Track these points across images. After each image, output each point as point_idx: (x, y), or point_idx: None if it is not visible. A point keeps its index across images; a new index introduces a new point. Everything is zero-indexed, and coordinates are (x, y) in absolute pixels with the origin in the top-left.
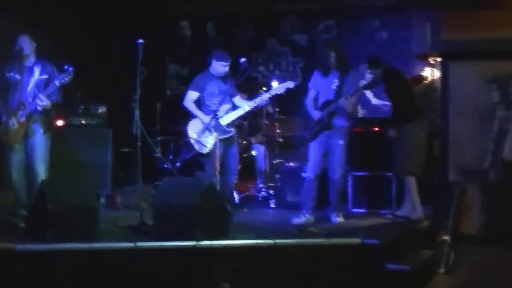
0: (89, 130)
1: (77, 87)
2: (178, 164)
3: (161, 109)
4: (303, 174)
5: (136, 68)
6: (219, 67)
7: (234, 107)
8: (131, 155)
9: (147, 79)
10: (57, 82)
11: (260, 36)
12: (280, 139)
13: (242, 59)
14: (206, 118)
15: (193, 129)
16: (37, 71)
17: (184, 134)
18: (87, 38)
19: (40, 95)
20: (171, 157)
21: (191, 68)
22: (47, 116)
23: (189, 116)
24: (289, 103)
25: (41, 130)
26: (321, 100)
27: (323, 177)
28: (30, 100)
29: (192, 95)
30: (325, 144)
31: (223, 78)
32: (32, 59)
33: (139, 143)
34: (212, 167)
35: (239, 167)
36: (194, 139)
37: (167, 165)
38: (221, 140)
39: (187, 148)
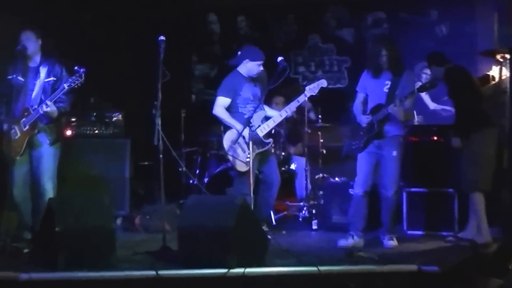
0: (103, 141)
1: (90, 91)
2: (206, 180)
3: (187, 116)
4: (351, 191)
5: (158, 69)
6: (253, 67)
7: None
8: (152, 170)
9: (170, 82)
10: (66, 86)
11: (300, 31)
12: (324, 150)
13: (280, 58)
14: (242, 128)
15: (227, 141)
16: (43, 72)
17: (213, 145)
18: (101, 34)
19: (47, 101)
20: (198, 171)
21: (221, 69)
22: (55, 125)
23: (218, 125)
24: (333, 109)
25: (48, 141)
26: (370, 105)
27: (373, 194)
28: (35, 106)
29: (222, 101)
30: (375, 156)
31: (255, 80)
32: (37, 59)
33: (161, 156)
34: (246, 183)
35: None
36: (230, 152)
37: (194, 181)
38: (258, 153)
39: (217, 161)
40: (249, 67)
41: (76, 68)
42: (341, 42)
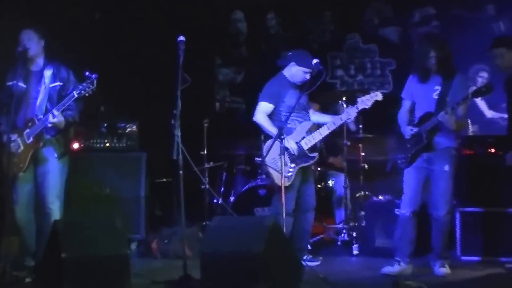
0: (115, 155)
1: (101, 98)
2: (232, 199)
3: (210, 127)
4: (397, 211)
5: (177, 73)
6: (298, 73)
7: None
8: (171, 187)
9: (191, 88)
10: (76, 93)
11: (338, 30)
12: (365, 165)
13: (315, 61)
14: (284, 140)
15: (269, 154)
16: (47, 77)
17: (240, 160)
18: (112, 34)
19: (54, 110)
20: (222, 189)
21: (248, 74)
22: (63, 136)
23: (251, 135)
24: (376, 118)
25: (54, 155)
26: (418, 113)
27: (422, 214)
28: (40, 115)
29: (265, 107)
30: (425, 171)
31: (300, 87)
32: (40, 61)
33: (180, 172)
34: (286, 200)
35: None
36: (269, 164)
37: (218, 200)
38: (300, 168)
39: (244, 177)
40: (294, 72)
41: (87, 73)
42: (384, 42)
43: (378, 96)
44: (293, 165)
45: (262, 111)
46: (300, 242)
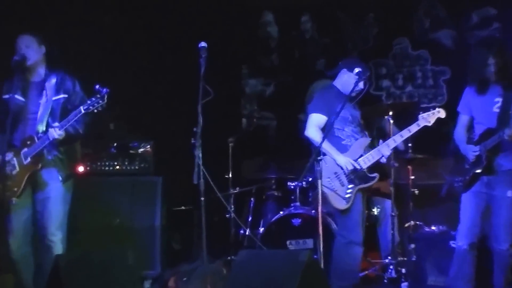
0: (127, 180)
1: (110, 114)
2: (261, 230)
3: (235, 146)
4: (452, 243)
5: (198, 85)
6: (352, 81)
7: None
8: (191, 217)
9: (214, 102)
10: (83, 109)
11: (383, 34)
12: (416, 190)
13: (357, 70)
14: (342, 158)
15: (324, 171)
16: (50, 89)
17: (270, 184)
18: (124, 40)
19: (56, 125)
20: (250, 218)
21: (279, 85)
22: (68, 157)
23: (281, 155)
24: (428, 135)
25: (57, 178)
26: (477, 130)
27: (482, 248)
28: (40, 132)
29: (318, 120)
30: (485, 197)
31: (353, 99)
32: (41, 71)
33: (202, 199)
34: (345, 229)
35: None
36: (325, 184)
37: (245, 231)
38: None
39: (276, 204)
40: (345, 80)
41: (97, 87)
42: (437, 47)
43: (441, 113)
44: (351, 185)
45: (315, 124)
46: (342, 279)
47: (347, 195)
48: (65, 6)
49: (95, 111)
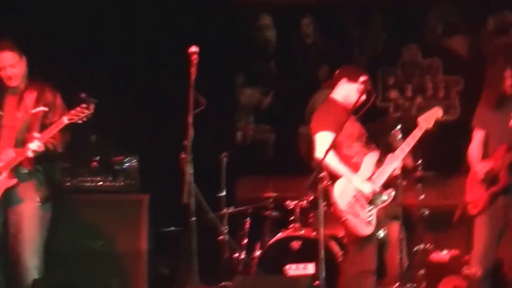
0: (110, 198)
1: (92, 125)
2: (258, 253)
3: (230, 162)
4: (466, 270)
5: (188, 94)
6: (354, 92)
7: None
8: (180, 239)
9: (206, 114)
10: (66, 120)
11: (392, 39)
12: (426, 211)
13: (362, 79)
14: (360, 179)
15: (342, 196)
16: (29, 100)
17: (268, 204)
18: (108, 45)
19: (36, 135)
20: (246, 240)
21: (278, 95)
22: (48, 176)
23: (279, 172)
24: (440, 151)
25: (33, 198)
26: (494, 146)
27: (498, 275)
28: (18, 146)
29: (327, 138)
30: (501, 220)
31: (355, 111)
32: (19, 82)
33: (193, 219)
34: (360, 257)
35: None
36: (346, 210)
37: (240, 255)
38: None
39: (274, 226)
40: (346, 91)
41: (84, 96)
42: (450, 55)
43: (438, 112)
44: (371, 207)
45: (326, 144)
46: None
47: (369, 218)
48: (45, 11)
49: (79, 122)
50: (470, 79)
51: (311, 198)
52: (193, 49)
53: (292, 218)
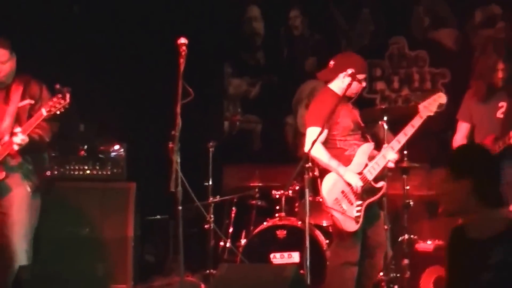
0: (97, 186)
1: (79, 115)
2: (243, 242)
3: (217, 151)
4: None
5: (176, 84)
6: (355, 84)
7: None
8: (167, 227)
9: (194, 103)
10: (45, 111)
11: (379, 32)
12: (411, 201)
13: (350, 71)
14: (351, 175)
15: (330, 191)
16: (15, 94)
17: (254, 193)
18: (95, 33)
19: (17, 130)
20: (231, 229)
21: (265, 86)
22: (36, 166)
23: (265, 162)
24: (425, 143)
25: (22, 186)
26: (479, 138)
27: None
28: (5, 139)
29: (316, 133)
30: None
31: (350, 100)
32: (5, 75)
33: (179, 207)
34: (343, 249)
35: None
36: (333, 206)
37: (226, 243)
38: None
39: (259, 215)
40: (346, 81)
41: (58, 86)
42: (436, 47)
43: (442, 97)
44: (359, 202)
45: (317, 140)
46: None
47: (356, 214)
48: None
49: (58, 112)
50: (457, 71)
51: (297, 187)
52: (182, 40)
53: (277, 207)
